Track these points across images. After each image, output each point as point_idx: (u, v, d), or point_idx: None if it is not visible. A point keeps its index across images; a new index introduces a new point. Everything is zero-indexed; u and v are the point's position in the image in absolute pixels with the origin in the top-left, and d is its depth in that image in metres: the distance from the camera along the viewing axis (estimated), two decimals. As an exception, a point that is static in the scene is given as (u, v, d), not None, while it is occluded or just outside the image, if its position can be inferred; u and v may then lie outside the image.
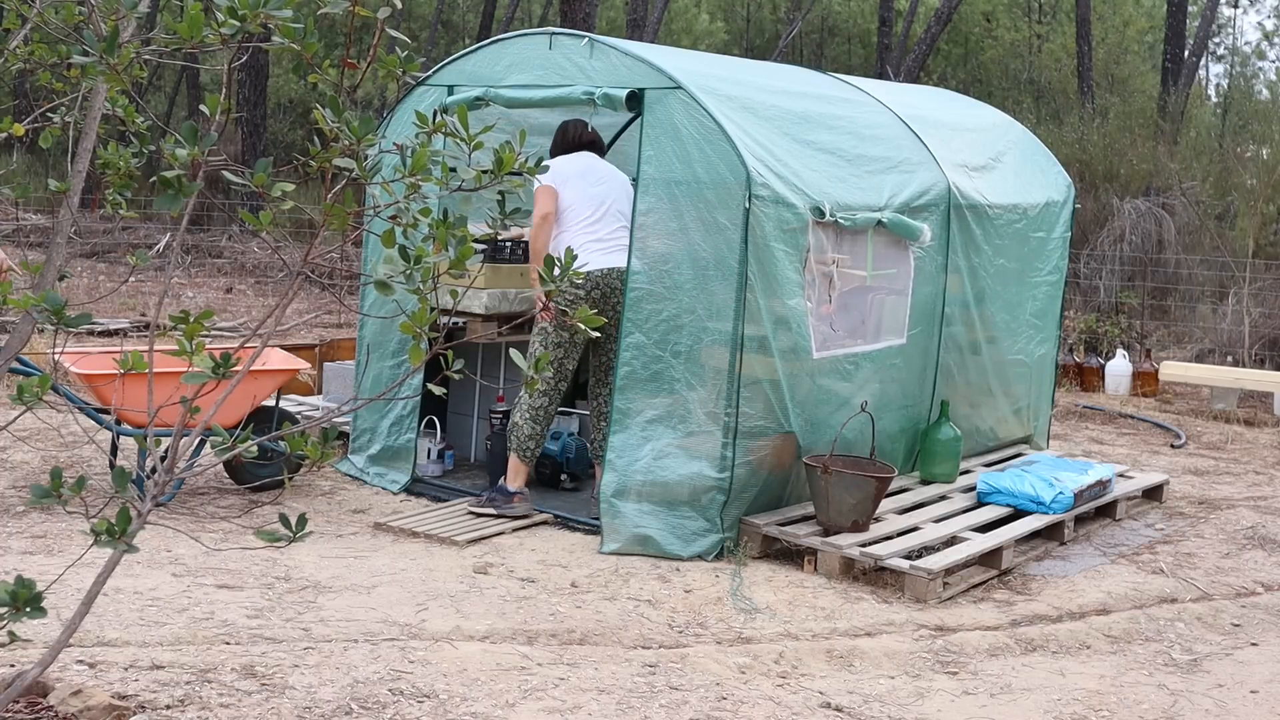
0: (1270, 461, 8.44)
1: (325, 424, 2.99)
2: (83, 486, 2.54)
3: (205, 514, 5.94)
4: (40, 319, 2.56)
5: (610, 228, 6.10)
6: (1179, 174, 13.91)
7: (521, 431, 6.07)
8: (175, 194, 2.52)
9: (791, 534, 5.67)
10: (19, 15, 2.99)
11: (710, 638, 4.72)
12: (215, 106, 2.68)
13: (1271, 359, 11.48)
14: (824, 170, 6.04)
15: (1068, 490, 6.22)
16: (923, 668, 4.57)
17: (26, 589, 2.45)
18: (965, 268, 6.94)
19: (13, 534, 5.42)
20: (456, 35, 28.36)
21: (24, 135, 3.25)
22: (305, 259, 2.69)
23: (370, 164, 2.58)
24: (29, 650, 3.97)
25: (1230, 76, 33.21)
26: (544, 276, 2.76)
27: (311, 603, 4.79)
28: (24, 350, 3.53)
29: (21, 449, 6.73)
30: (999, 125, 8.14)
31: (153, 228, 16.79)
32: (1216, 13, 25.31)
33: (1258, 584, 5.79)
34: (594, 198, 6.09)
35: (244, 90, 19.68)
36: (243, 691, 3.87)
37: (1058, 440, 8.69)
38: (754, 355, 5.61)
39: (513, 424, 6.12)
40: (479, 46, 6.61)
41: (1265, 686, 4.61)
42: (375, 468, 6.69)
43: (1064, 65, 23.62)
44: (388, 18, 2.48)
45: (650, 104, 5.80)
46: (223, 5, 2.39)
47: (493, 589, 5.09)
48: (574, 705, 3.98)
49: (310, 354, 8.24)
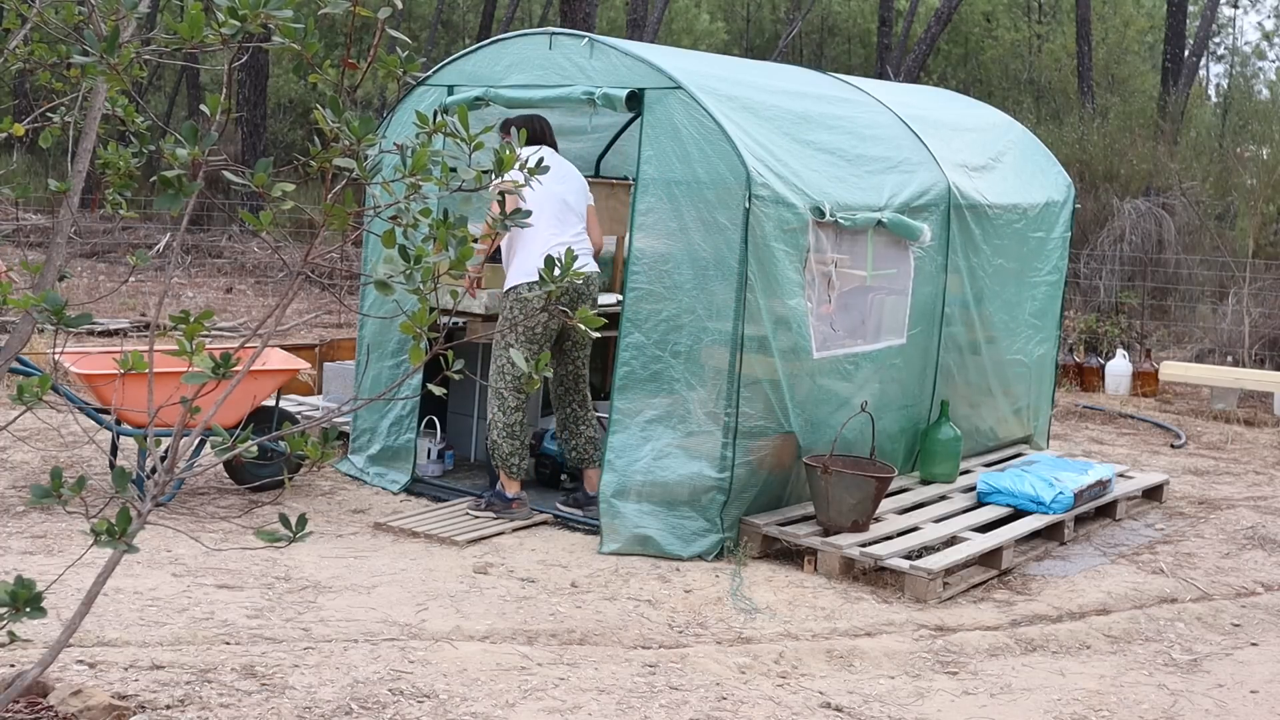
0: (1270, 461, 8.44)
1: (325, 424, 2.99)
2: (83, 486, 2.54)
3: (205, 514, 5.94)
4: (40, 319, 2.56)
5: (574, 230, 6.04)
6: (1179, 174, 13.91)
7: (502, 450, 5.99)
8: (175, 194, 2.52)
9: (791, 534, 5.66)
10: (19, 15, 2.99)
11: (710, 638, 4.72)
12: (215, 106, 2.68)
13: (1271, 359, 11.48)
14: (824, 170, 6.04)
15: (1068, 490, 6.22)
16: (923, 668, 4.57)
17: (26, 589, 2.45)
18: (965, 268, 6.94)
19: (13, 534, 5.42)
20: (456, 35, 28.36)
21: (24, 135, 3.25)
22: (305, 259, 2.69)
23: (370, 164, 2.58)
24: (29, 650, 3.97)
25: (1230, 76, 33.22)
26: (544, 276, 2.76)
27: (311, 603, 4.79)
28: (24, 350, 3.53)
29: (21, 449, 6.73)
30: (999, 125, 8.14)
31: (153, 228, 16.79)
32: (1216, 13, 25.31)
33: (1258, 584, 5.79)
34: (557, 196, 5.96)
35: (244, 90, 19.67)
36: (243, 691, 3.87)
37: (1058, 440, 8.69)
38: (754, 355, 5.61)
39: (491, 443, 6.02)
40: (479, 46, 6.61)
41: (1265, 686, 4.61)
42: (375, 468, 6.69)
43: (1064, 65, 23.63)
44: (388, 18, 2.48)
45: (650, 104, 5.80)
46: (223, 5, 2.39)
47: (493, 589, 5.09)
48: (574, 705, 3.98)
49: (310, 354, 8.24)
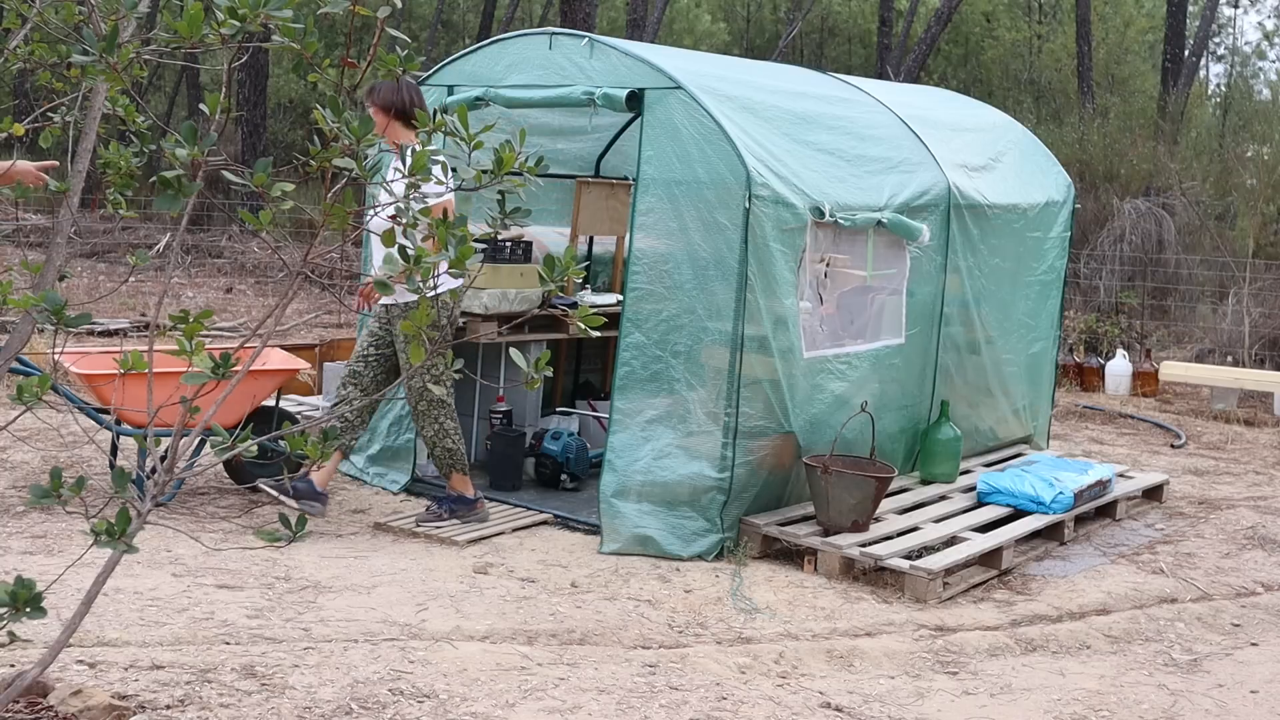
0: (1270, 461, 8.44)
1: (325, 424, 2.99)
2: (83, 486, 2.54)
3: (205, 514, 5.94)
4: (40, 319, 2.56)
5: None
6: (1179, 174, 13.91)
7: (450, 454, 5.87)
8: (175, 194, 2.52)
9: (791, 534, 5.66)
10: (19, 15, 2.99)
11: (710, 638, 4.72)
12: (215, 106, 2.68)
13: (1271, 359, 11.48)
14: (824, 170, 6.04)
15: (1068, 490, 6.22)
16: (923, 668, 4.57)
17: (26, 589, 2.45)
18: (965, 268, 6.94)
19: (13, 534, 5.42)
20: (456, 35, 28.36)
21: (24, 135, 3.25)
22: (305, 259, 2.69)
23: (370, 164, 2.58)
24: (29, 650, 3.97)
25: (1230, 76, 33.21)
26: (544, 276, 2.76)
27: (311, 603, 4.79)
28: (24, 350, 3.53)
29: (21, 449, 6.73)
30: (999, 125, 8.15)
31: (153, 228, 16.79)
32: (1216, 13, 25.32)
33: (1258, 584, 5.79)
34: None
35: (244, 90, 19.67)
36: (243, 691, 3.87)
37: (1058, 440, 8.69)
38: (754, 355, 5.61)
39: (433, 454, 5.89)
40: (479, 46, 6.61)
41: (1265, 686, 4.61)
42: (375, 468, 6.69)
43: (1064, 65, 23.62)
44: (388, 17, 2.48)
45: (650, 104, 5.80)
46: (223, 5, 2.39)
47: (493, 589, 5.09)
48: (574, 705, 3.98)
49: (310, 354, 8.25)
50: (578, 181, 7.34)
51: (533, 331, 6.65)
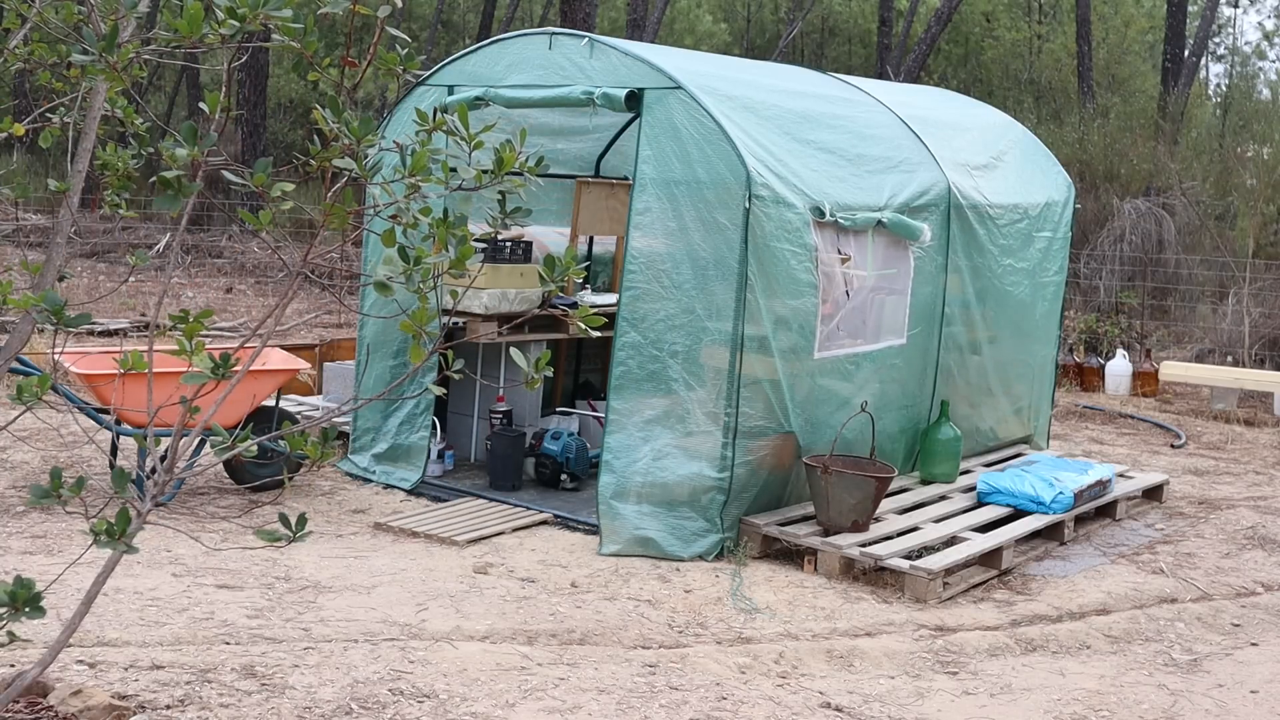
0: (1270, 461, 8.44)
1: (325, 424, 2.99)
2: (82, 486, 2.54)
3: (205, 514, 5.94)
4: (40, 319, 2.56)
5: None
6: (1179, 174, 13.91)
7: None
8: (175, 194, 2.52)
9: (791, 534, 5.66)
10: (19, 15, 2.99)
11: (710, 638, 4.72)
12: (215, 105, 2.68)
13: (1271, 359, 11.48)
14: (824, 170, 6.04)
15: (1068, 490, 6.22)
16: (923, 668, 4.57)
17: (26, 589, 2.45)
18: (965, 268, 6.94)
19: (13, 534, 5.42)
20: (456, 35, 28.37)
21: (24, 135, 3.25)
22: (305, 259, 2.69)
23: (370, 164, 2.58)
24: (29, 650, 3.97)
25: (1230, 76, 33.21)
26: (544, 276, 2.76)
27: (311, 603, 4.79)
28: (24, 350, 3.53)
29: (21, 449, 6.73)
30: (999, 125, 8.14)
31: (153, 228, 16.79)
32: (1216, 13, 25.31)
33: (1258, 584, 5.79)
34: None
35: (244, 90, 19.67)
36: (243, 691, 3.87)
37: (1058, 440, 8.69)
38: (754, 355, 5.61)
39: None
40: (479, 46, 6.61)
41: (1265, 686, 4.61)
42: (382, 466, 6.68)
43: (1064, 65, 23.62)
44: (387, 16, 2.48)
45: (650, 104, 5.79)
46: (223, 5, 2.38)
47: (493, 589, 5.09)
48: (574, 705, 3.98)
49: (310, 354, 8.24)
50: (578, 181, 7.34)
51: (533, 331, 6.66)
